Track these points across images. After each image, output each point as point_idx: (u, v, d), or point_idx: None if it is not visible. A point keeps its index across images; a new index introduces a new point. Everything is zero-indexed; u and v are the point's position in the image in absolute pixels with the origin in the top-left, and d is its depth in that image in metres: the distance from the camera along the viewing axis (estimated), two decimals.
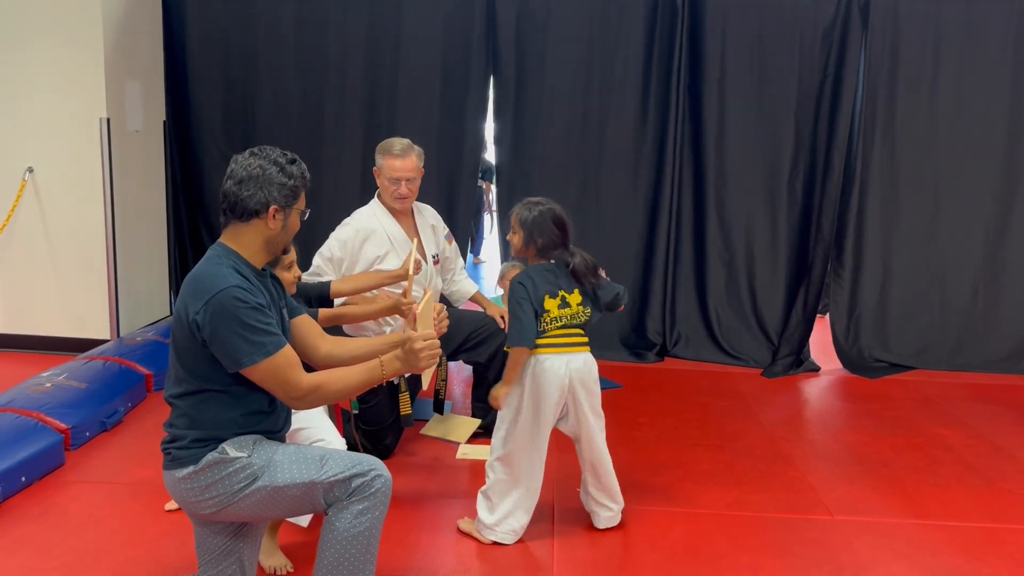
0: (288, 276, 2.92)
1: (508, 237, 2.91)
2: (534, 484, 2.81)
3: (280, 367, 2.00)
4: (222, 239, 2.12)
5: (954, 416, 4.30)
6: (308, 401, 2.07)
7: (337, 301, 3.29)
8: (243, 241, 2.10)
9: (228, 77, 5.25)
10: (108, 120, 4.68)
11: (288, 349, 2.04)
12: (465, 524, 2.90)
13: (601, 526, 2.92)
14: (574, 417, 2.81)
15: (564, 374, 2.74)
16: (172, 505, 2.88)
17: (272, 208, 2.07)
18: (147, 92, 5.08)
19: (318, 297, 3.13)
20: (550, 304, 2.76)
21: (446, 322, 2.55)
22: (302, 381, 2.03)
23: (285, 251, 2.89)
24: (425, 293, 2.43)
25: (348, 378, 2.09)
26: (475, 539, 2.83)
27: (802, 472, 3.52)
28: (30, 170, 4.75)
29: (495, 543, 2.80)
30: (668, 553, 2.81)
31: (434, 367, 2.22)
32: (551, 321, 2.76)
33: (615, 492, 2.92)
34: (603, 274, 2.87)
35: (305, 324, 2.30)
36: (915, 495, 3.33)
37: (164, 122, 5.27)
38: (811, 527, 3.03)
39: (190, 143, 5.31)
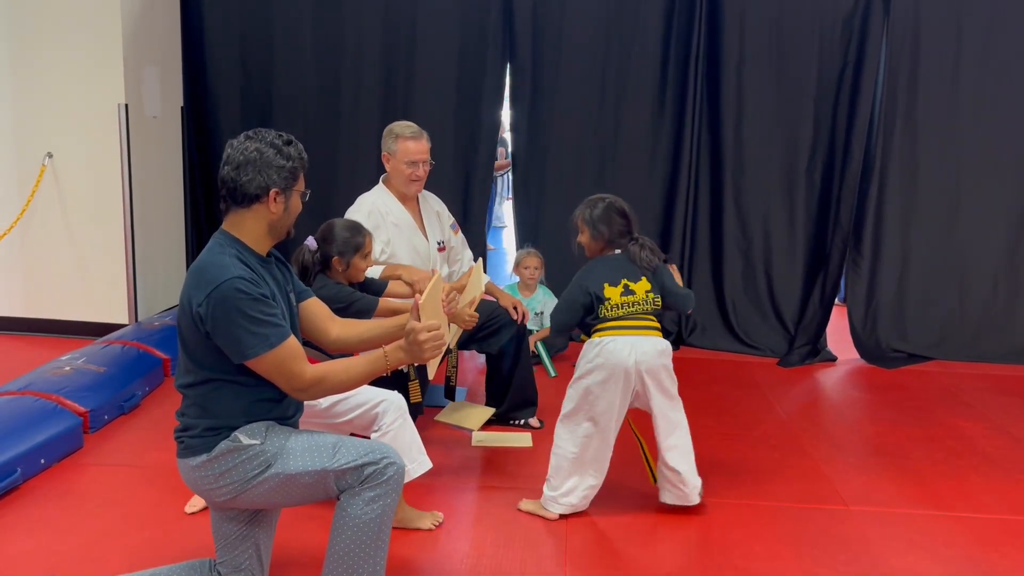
0: (363, 265, 2.96)
1: (578, 239, 2.98)
2: (599, 465, 2.87)
3: (284, 359, 1.99)
4: (224, 226, 2.09)
5: (972, 407, 4.27)
6: (311, 393, 2.06)
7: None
8: (245, 228, 2.07)
9: (245, 62, 5.26)
10: (126, 106, 4.70)
11: (292, 340, 2.02)
12: (528, 505, 2.96)
13: (666, 500, 2.95)
14: (644, 399, 2.86)
15: (629, 355, 2.77)
16: (192, 507, 2.87)
17: (273, 191, 2.04)
18: (165, 78, 5.10)
19: (359, 311, 2.95)
20: (611, 292, 2.82)
21: (455, 303, 2.54)
22: (305, 372, 2.02)
23: (357, 244, 2.91)
24: (434, 273, 2.41)
25: (351, 369, 2.07)
26: (540, 516, 2.91)
27: (818, 462, 3.50)
28: (49, 155, 4.78)
29: (561, 516, 2.89)
30: (683, 542, 2.80)
31: (439, 358, 2.21)
32: (612, 308, 2.82)
33: (686, 472, 2.91)
34: (672, 268, 2.98)
35: (314, 307, 2.30)
36: (932, 486, 3.31)
37: (182, 108, 5.28)
38: (826, 517, 3.01)
39: (207, 128, 5.33)
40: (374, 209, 3.52)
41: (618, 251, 2.91)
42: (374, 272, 3.45)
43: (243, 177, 2.02)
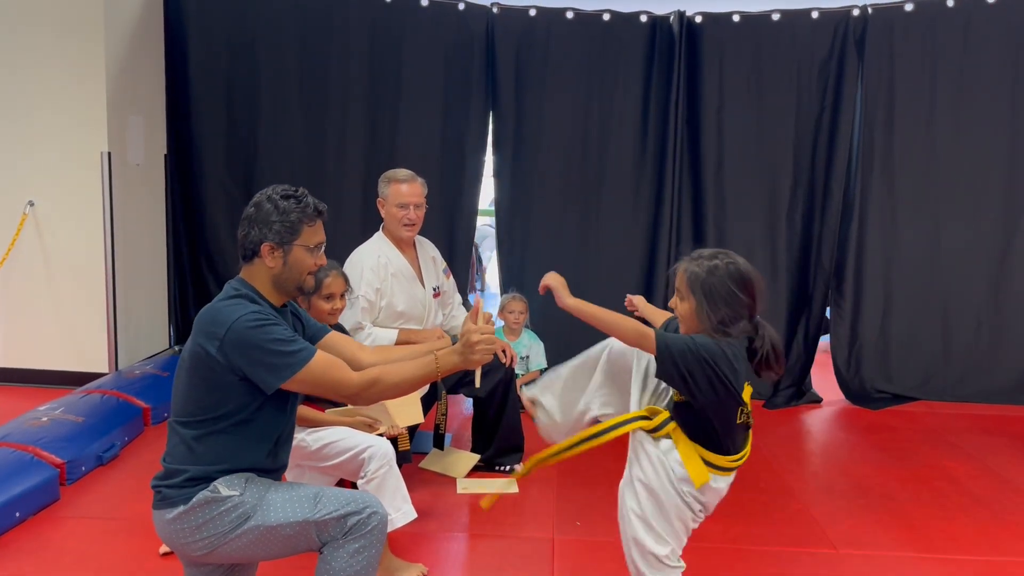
0: (325, 306, 2.89)
1: (671, 304, 2.19)
2: None
3: (320, 373, 2.01)
4: (240, 274, 2.14)
5: (959, 448, 4.26)
6: (366, 396, 2.07)
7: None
8: (256, 280, 2.11)
9: (230, 111, 5.27)
10: (109, 154, 4.70)
11: (321, 355, 2.03)
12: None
13: None
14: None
15: (723, 488, 2.28)
16: (165, 548, 2.83)
17: (265, 246, 2.07)
18: (149, 125, 5.11)
19: None
20: (746, 395, 2.09)
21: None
22: (351, 379, 2.04)
23: (318, 281, 2.86)
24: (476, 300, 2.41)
25: (404, 372, 2.09)
26: None
27: (805, 505, 3.48)
28: (31, 203, 4.76)
29: None
30: None
31: (486, 361, 2.15)
32: (744, 419, 2.11)
33: None
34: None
35: (336, 340, 2.30)
36: (920, 528, 3.29)
37: (165, 155, 5.29)
38: (815, 561, 2.98)
39: (191, 177, 5.32)
40: (378, 264, 3.52)
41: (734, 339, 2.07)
42: (389, 336, 3.45)
43: (242, 232, 2.10)
